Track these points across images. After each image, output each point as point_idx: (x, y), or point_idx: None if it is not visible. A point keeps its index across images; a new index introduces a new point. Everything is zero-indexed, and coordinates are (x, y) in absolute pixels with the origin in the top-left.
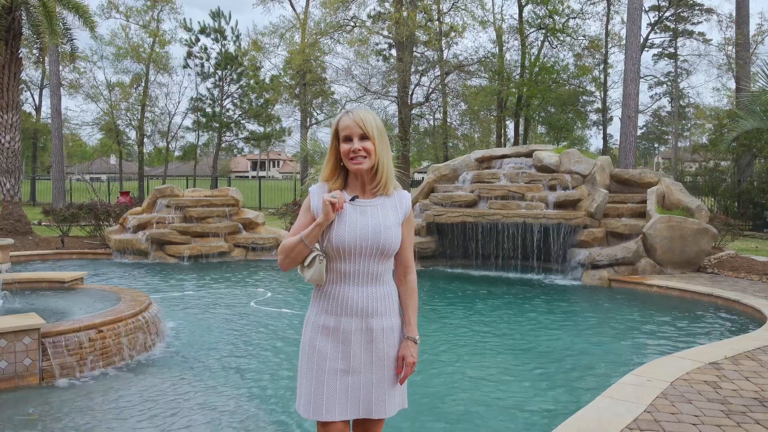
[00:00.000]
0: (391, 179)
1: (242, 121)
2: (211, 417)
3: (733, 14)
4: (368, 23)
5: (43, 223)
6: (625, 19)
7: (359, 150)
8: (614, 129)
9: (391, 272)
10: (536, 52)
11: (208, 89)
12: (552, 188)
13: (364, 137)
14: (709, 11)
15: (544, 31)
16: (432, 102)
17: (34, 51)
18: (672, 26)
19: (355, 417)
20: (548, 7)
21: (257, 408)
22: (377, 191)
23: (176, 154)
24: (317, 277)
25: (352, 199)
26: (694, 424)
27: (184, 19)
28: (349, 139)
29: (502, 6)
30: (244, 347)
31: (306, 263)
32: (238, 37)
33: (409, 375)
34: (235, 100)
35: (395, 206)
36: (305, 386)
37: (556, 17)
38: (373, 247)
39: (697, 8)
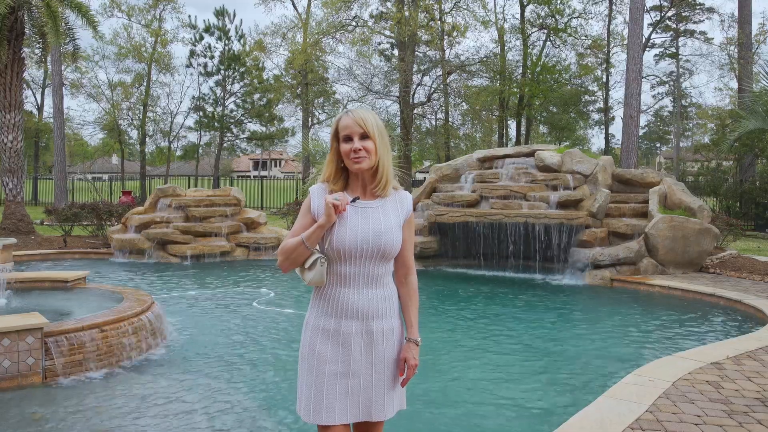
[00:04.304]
0: (391, 180)
1: (244, 121)
2: (212, 417)
3: (735, 14)
4: (370, 23)
5: (45, 223)
6: (627, 19)
7: (360, 149)
8: (616, 129)
9: (391, 274)
10: (538, 52)
11: (211, 88)
12: (554, 188)
13: (364, 136)
14: (711, 10)
15: (546, 30)
16: (434, 102)
17: (36, 51)
18: (673, 26)
19: (355, 420)
20: (550, 7)
21: (259, 408)
22: (377, 192)
23: (178, 153)
24: (318, 279)
25: (353, 201)
26: (696, 424)
27: (189, 16)
28: (349, 138)
29: (504, 6)
30: (247, 347)
31: (307, 265)
32: (242, 36)
33: (411, 377)
34: (237, 100)
35: (396, 207)
36: (305, 389)
37: (558, 17)
38: (374, 249)
39: (698, 7)
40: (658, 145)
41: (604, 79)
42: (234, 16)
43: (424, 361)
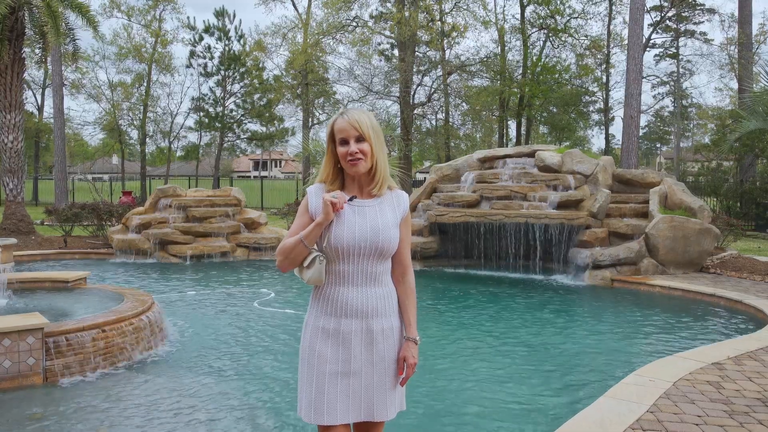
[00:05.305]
0: (387, 179)
1: (245, 121)
2: (213, 417)
3: (735, 14)
4: (370, 23)
5: (45, 223)
6: (627, 19)
7: (356, 152)
8: (616, 129)
9: (390, 273)
10: (538, 53)
11: (211, 89)
12: (554, 188)
13: (360, 139)
14: (711, 11)
15: (545, 31)
16: (434, 102)
17: (37, 51)
18: (674, 26)
19: (356, 420)
20: (550, 7)
21: (260, 408)
22: (373, 192)
23: (178, 153)
24: (317, 277)
25: (351, 199)
26: (696, 425)
27: (188, 17)
28: (345, 141)
29: (504, 6)
30: (247, 348)
31: (306, 264)
32: (241, 36)
33: (410, 376)
34: (237, 100)
35: (393, 206)
36: (306, 390)
37: (558, 17)
38: (371, 247)
39: (698, 8)
40: (658, 145)
41: (604, 80)
42: (234, 16)
43: (423, 361)
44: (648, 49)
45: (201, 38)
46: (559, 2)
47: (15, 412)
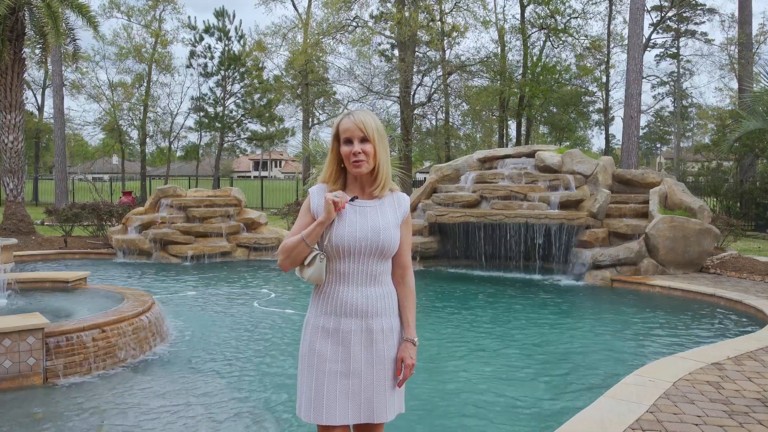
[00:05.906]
0: (389, 181)
1: (245, 121)
2: (213, 417)
3: (736, 14)
4: (370, 23)
5: (45, 223)
6: (627, 19)
7: (359, 153)
8: (616, 129)
9: (390, 273)
10: (538, 53)
11: (211, 89)
12: (554, 188)
13: (364, 140)
14: (712, 11)
15: (545, 31)
16: (434, 102)
17: (37, 51)
18: (674, 26)
19: (356, 422)
20: (550, 7)
21: (260, 408)
22: (375, 193)
23: (178, 154)
24: (317, 275)
25: (352, 200)
26: (696, 425)
27: (188, 17)
28: (349, 141)
29: (504, 6)
30: (247, 348)
31: (306, 262)
32: (242, 36)
33: (408, 377)
34: (237, 100)
35: (394, 207)
36: (305, 389)
37: (558, 17)
38: (372, 246)
39: (699, 8)
40: (658, 145)
41: (604, 80)
42: (234, 16)
43: (423, 361)
44: (648, 49)
45: (201, 38)
46: (559, 2)
47: (15, 412)
